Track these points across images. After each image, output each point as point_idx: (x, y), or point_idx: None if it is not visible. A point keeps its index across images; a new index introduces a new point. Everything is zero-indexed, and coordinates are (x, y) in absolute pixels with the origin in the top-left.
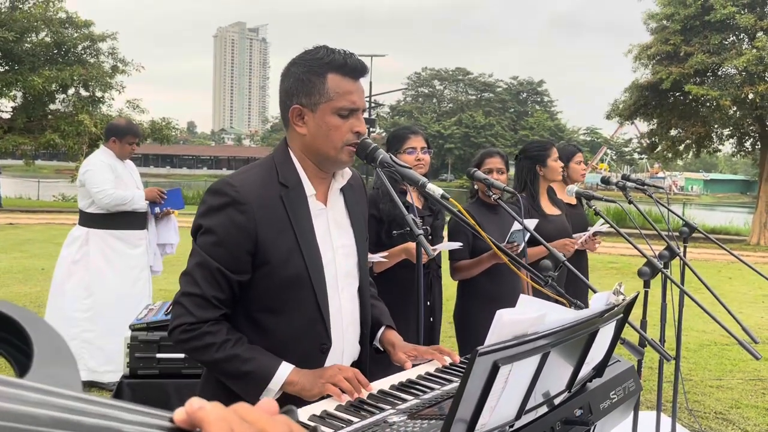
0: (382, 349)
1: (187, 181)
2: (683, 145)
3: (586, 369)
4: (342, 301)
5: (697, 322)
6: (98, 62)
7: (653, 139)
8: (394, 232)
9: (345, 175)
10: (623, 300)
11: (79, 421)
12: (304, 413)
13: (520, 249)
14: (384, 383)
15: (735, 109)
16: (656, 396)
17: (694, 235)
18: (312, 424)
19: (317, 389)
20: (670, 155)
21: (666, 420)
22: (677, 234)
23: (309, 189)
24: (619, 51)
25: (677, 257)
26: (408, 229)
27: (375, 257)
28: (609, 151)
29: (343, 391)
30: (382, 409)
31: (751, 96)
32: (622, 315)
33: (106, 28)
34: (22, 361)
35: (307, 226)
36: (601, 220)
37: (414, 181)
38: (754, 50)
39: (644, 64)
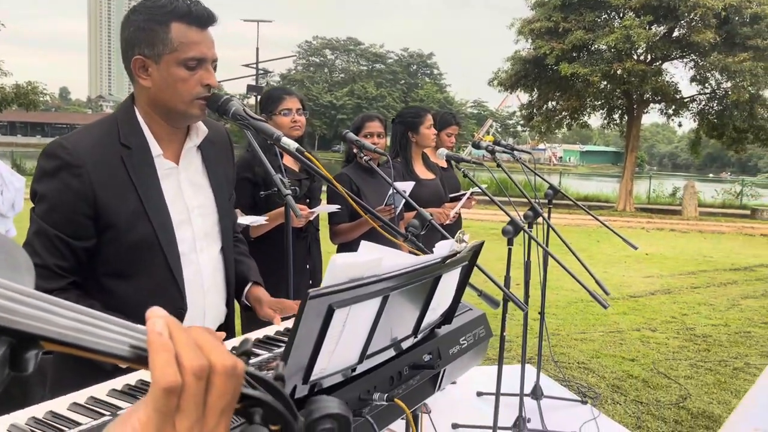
0: (249, 306)
1: None
2: (558, 118)
3: (433, 315)
4: (201, 263)
5: (567, 282)
6: None
7: (531, 110)
8: (261, 193)
9: (200, 132)
10: (465, 247)
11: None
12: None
13: (398, 211)
14: (239, 341)
15: (606, 83)
16: (532, 349)
17: (567, 202)
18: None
19: None
20: (543, 128)
21: (532, 370)
22: (544, 199)
23: (155, 149)
24: (505, 26)
25: (540, 217)
26: (276, 189)
27: (246, 219)
28: (494, 124)
29: None
30: None
31: (619, 72)
32: (467, 263)
33: None
34: None
35: (153, 187)
36: (474, 186)
37: (268, 135)
38: (624, 29)
39: (526, 38)
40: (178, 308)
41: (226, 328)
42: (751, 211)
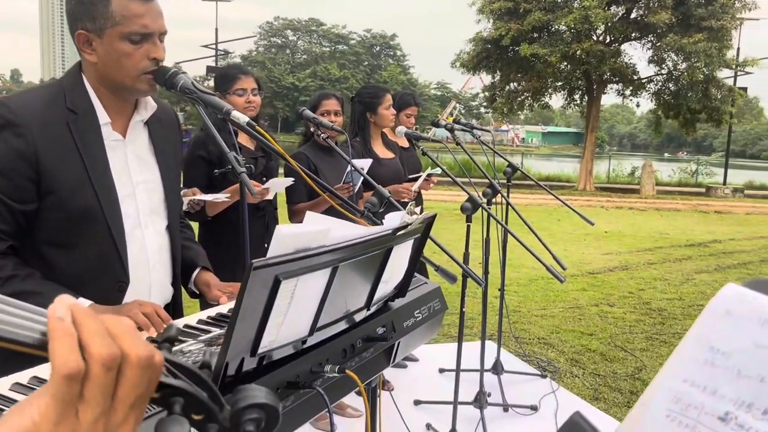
0: (197, 292)
1: None
2: (520, 99)
3: (386, 288)
4: (146, 240)
5: (528, 260)
6: None
7: (493, 92)
8: (216, 171)
9: (149, 107)
10: (417, 219)
11: None
12: None
13: (356, 189)
14: (192, 319)
15: (566, 64)
16: (494, 326)
17: (529, 182)
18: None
19: None
20: (506, 109)
21: (493, 346)
22: (504, 178)
23: (103, 117)
24: (467, 7)
25: (500, 195)
26: (230, 167)
27: (207, 196)
28: (458, 105)
29: (141, 328)
30: (182, 342)
31: (578, 53)
32: (419, 235)
33: None
34: None
35: (99, 156)
36: (434, 166)
37: (218, 108)
38: (582, 9)
39: (487, 18)
40: (119, 282)
41: (174, 306)
42: (706, 189)
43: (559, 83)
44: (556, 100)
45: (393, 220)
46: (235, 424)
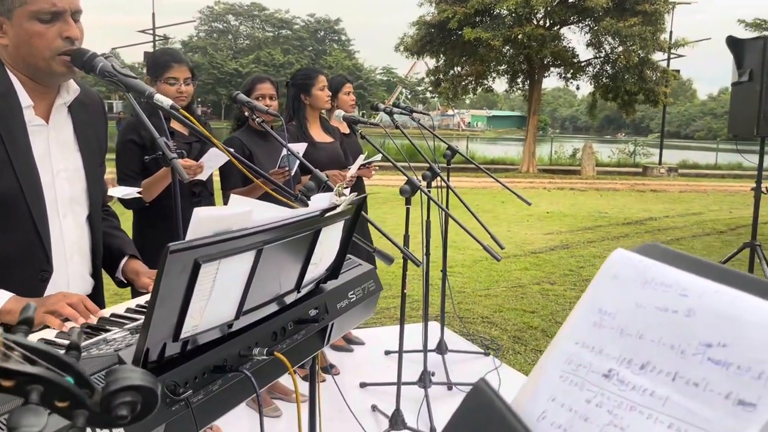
0: (125, 282)
1: None
2: (464, 83)
3: (317, 270)
4: (63, 229)
5: (473, 242)
6: None
7: (438, 76)
8: (146, 157)
9: (71, 90)
10: (345, 201)
11: None
12: None
13: (293, 173)
14: (120, 307)
15: (508, 47)
16: (434, 308)
17: (472, 166)
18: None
19: (37, 319)
20: (451, 94)
21: (437, 326)
22: (444, 161)
23: (25, 100)
24: None
25: (439, 177)
26: (161, 153)
27: (117, 192)
28: (404, 90)
29: (68, 319)
30: (108, 330)
31: (520, 36)
32: (350, 216)
33: None
34: None
35: (21, 139)
36: (375, 151)
37: (140, 92)
38: None
39: (430, 2)
40: (42, 270)
41: (95, 298)
42: (643, 169)
43: (502, 67)
44: (500, 84)
45: (321, 201)
46: (106, 409)
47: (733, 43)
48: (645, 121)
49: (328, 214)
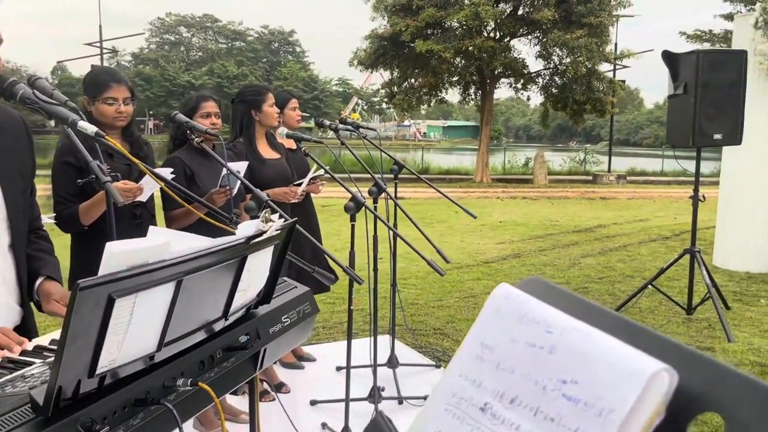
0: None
1: None
2: (419, 94)
3: (245, 296)
4: None
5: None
6: None
7: (392, 88)
8: (79, 180)
9: None
10: (271, 227)
11: None
12: None
13: (234, 193)
14: (45, 339)
15: (460, 59)
16: (386, 321)
17: (427, 176)
18: None
19: None
20: (406, 105)
21: (386, 339)
22: (390, 174)
23: None
24: (363, 4)
25: (385, 193)
26: (94, 176)
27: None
28: (360, 101)
29: None
30: (30, 364)
31: (471, 48)
32: (279, 242)
33: None
34: None
35: None
36: (317, 166)
37: (63, 119)
38: (472, 6)
39: (382, 15)
40: None
41: (24, 328)
42: (593, 177)
43: (455, 78)
44: (453, 95)
45: (247, 228)
46: None
47: (668, 57)
48: (596, 129)
49: (253, 241)
